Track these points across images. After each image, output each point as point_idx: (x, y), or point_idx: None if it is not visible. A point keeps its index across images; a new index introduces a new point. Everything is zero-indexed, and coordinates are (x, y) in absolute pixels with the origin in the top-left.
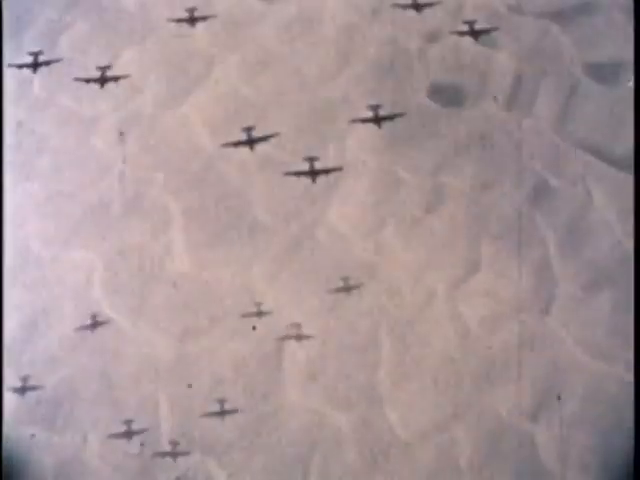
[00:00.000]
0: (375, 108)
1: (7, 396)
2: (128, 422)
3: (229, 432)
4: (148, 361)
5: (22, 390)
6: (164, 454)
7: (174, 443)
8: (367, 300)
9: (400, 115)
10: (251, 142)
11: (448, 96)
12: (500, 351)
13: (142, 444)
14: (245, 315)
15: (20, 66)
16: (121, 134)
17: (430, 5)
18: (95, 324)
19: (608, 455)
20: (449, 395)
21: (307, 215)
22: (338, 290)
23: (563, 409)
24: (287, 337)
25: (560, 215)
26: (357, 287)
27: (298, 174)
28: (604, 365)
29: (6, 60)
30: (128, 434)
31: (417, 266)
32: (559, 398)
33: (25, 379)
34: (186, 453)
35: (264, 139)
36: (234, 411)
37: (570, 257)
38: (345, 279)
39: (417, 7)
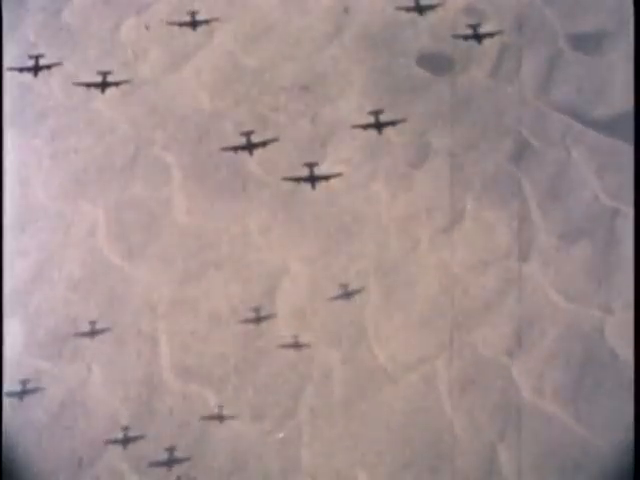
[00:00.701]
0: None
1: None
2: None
3: (222, 367)
4: (149, 302)
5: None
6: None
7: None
8: (356, 246)
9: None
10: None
11: (436, 64)
12: (481, 294)
13: (144, 373)
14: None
15: None
16: (124, 96)
17: None
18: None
19: (580, 387)
20: (432, 333)
21: (300, 171)
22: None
23: (539, 346)
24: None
25: (540, 172)
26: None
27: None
28: (578, 307)
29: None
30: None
31: (403, 216)
32: (535, 336)
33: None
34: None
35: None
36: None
37: (549, 210)
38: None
39: None
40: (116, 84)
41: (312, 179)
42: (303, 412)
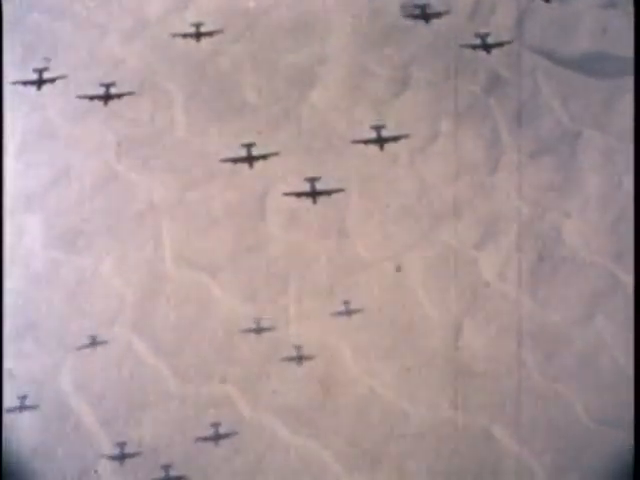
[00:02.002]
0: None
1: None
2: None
3: (217, 257)
4: (153, 205)
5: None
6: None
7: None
8: (340, 162)
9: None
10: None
11: (419, 14)
12: (452, 200)
13: (148, 261)
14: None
15: None
16: (128, 38)
17: None
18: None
19: (538, 274)
20: (406, 230)
21: (291, 96)
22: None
23: (503, 242)
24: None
25: (510, 101)
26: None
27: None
28: (539, 211)
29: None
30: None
31: (385, 137)
32: (500, 234)
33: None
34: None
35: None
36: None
37: (517, 132)
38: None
39: None
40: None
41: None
42: (291, 293)
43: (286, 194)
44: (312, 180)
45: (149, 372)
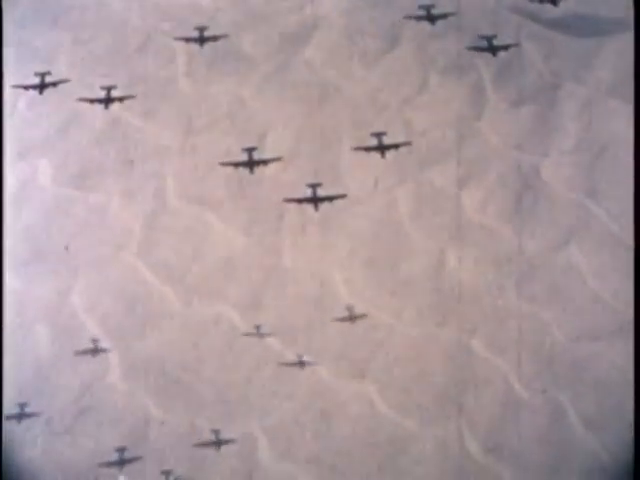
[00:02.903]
0: None
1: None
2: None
3: (216, 194)
4: (158, 150)
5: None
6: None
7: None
8: (334, 109)
9: None
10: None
11: None
12: (439, 144)
13: (153, 197)
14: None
15: None
16: None
17: None
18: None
19: (517, 209)
20: (395, 171)
21: (287, 51)
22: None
23: (485, 180)
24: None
25: (495, 57)
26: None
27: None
28: (520, 153)
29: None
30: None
31: (375, 87)
32: (482, 173)
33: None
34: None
35: None
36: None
37: (501, 84)
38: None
39: None
40: None
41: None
42: (286, 228)
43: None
44: None
45: (153, 294)
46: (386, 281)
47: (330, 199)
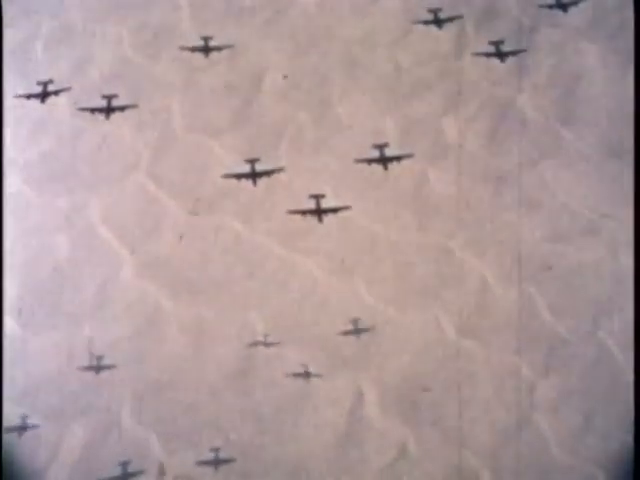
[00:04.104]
0: None
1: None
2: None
3: (218, 125)
4: (162, 88)
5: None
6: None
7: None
8: (329, 51)
9: None
10: None
11: None
12: (422, 80)
13: (162, 126)
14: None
15: None
16: None
17: None
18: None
19: (496, 133)
20: (383, 104)
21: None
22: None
23: (466, 109)
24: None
25: (476, 4)
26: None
27: None
28: (497, 88)
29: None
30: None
31: (366, 31)
32: (464, 104)
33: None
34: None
35: None
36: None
37: (481, 28)
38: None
39: None
40: None
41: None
42: (283, 148)
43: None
44: None
45: (161, 207)
46: (372, 198)
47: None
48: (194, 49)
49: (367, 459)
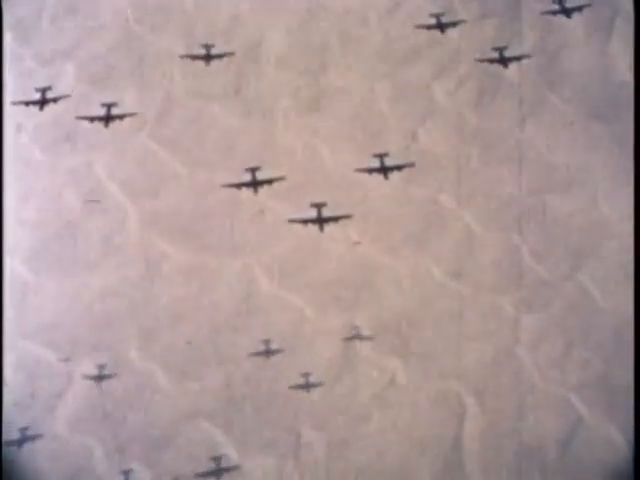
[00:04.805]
0: None
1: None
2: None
3: (219, 84)
4: (165, 55)
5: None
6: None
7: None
8: (324, 24)
9: None
10: None
11: None
12: (413, 46)
13: (164, 92)
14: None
15: None
16: None
17: None
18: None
19: (478, 96)
20: (376, 68)
21: None
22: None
23: (453, 75)
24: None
25: None
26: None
27: None
28: (484, 55)
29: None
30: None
31: (360, 4)
32: (450, 70)
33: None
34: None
35: None
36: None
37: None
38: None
39: None
40: None
41: None
42: (280, 109)
43: None
44: None
45: (164, 165)
46: (364, 152)
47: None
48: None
49: (360, 387)
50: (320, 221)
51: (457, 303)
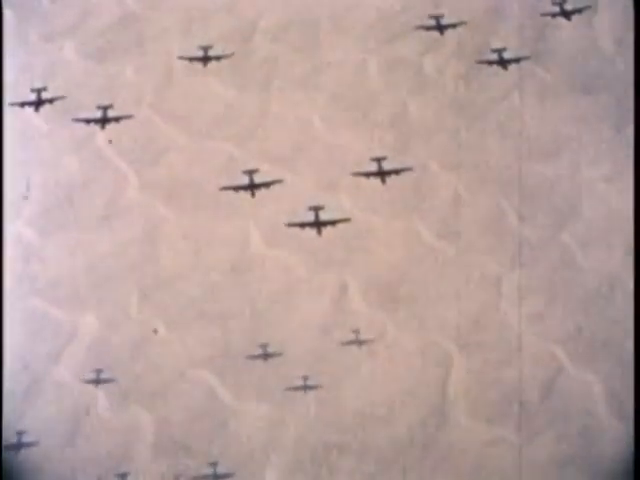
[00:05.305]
0: None
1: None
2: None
3: (217, 47)
4: (161, 31)
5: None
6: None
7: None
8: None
9: None
10: None
11: None
12: (404, 21)
13: (163, 65)
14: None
15: None
16: None
17: None
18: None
19: (469, 69)
20: (367, 41)
21: None
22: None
23: (442, 48)
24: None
25: None
26: None
27: None
28: (472, 29)
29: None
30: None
31: None
32: (439, 43)
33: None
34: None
35: None
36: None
37: None
38: None
39: None
40: None
41: None
42: (274, 81)
43: None
44: None
45: (164, 134)
46: (355, 124)
47: None
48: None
49: (350, 339)
50: None
51: (443, 262)
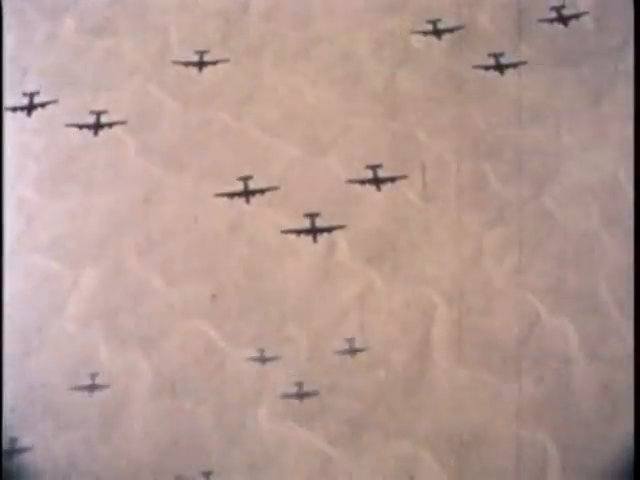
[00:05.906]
0: None
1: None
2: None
3: (213, 39)
4: (160, 11)
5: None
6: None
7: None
8: None
9: None
10: None
11: None
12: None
13: (158, 49)
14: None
15: None
16: None
17: None
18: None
19: (453, 44)
20: (358, 18)
21: None
22: None
23: (433, 25)
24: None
25: None
26: None
27: None
28: (460, 11)
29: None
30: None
31: None
32: (430, 24)
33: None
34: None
35: None
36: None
37: None
38: None
39: None
40: None
41: None
42: (266, 56)
43: None
44: None
45: (160, 103)
46: (343, 100)
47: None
48: None
49: (339, 293)
50: None
51: (427, 221)
